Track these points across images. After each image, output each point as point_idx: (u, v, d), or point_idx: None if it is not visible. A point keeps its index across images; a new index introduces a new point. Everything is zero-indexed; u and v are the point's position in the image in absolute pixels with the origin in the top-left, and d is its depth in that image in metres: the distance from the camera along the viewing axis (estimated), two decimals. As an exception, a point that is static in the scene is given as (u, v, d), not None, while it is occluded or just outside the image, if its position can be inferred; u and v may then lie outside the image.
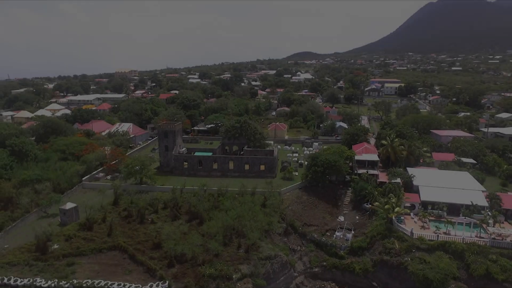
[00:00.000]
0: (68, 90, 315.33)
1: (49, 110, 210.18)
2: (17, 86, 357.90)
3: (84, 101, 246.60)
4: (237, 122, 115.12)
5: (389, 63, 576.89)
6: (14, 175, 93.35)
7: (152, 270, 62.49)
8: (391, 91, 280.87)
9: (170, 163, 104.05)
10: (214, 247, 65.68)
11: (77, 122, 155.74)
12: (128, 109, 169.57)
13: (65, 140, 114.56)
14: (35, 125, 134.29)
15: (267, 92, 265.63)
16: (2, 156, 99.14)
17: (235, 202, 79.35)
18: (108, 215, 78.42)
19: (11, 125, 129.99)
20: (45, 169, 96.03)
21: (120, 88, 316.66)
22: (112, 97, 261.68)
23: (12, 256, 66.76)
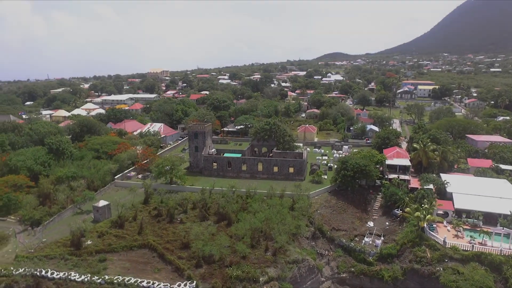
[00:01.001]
0: (103, 90, 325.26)
1: (85, 109, 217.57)
2: (56, 86, 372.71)
3: (118, 101, 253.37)
4: (266, 124, 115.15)
5: (422, 65, 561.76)
6: (51, 172, 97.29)
7: (180, 269, 63.45)
8: (425, 94, 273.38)
9: (200, 164, 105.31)
10: (242, 249, 65.95)
11: (110, 122, 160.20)
12: (160, 109, 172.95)
13: (99, 139, 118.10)
14: (72, 124, 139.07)
15: (297, 93, 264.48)
16: (41, 153, 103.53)
17: (263, 205, 79.39)
18: (138, 213, 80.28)
19: (50, 124, 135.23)
20: (80, 167, 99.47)
21: (152, 88, 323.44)
22: (144, 97, 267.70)
23: (49, 249, 69.68)
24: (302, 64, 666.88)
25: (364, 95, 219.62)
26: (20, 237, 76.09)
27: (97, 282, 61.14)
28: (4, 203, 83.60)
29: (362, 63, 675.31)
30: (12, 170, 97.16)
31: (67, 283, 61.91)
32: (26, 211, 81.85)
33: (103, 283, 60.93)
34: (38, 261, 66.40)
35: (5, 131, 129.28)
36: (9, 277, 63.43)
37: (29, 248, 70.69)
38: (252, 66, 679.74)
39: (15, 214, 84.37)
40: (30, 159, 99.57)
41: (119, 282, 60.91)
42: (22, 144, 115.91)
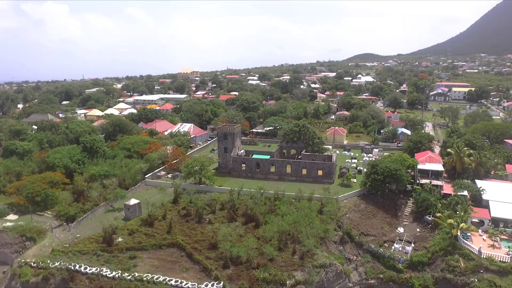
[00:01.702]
0: (135, 90, 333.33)
1: (117, 109, 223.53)
2: (90, 86, 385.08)
3: (149, 101, 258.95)
4: (295, 126, 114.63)
5: (457, 66, 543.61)
6: (85, 170, 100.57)
7: (208, 270, 64.01)
8: (459, 96, 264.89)
9: (229, 165, 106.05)
10: (269, 252, 65.93)
11: (141, 121, 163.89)
12: (189, 109, 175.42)
13: (130, 138, 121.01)
14: (105, 124, 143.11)
15: (327, 95, 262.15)
16: (76, 151, 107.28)
17: (291, 207, 79.09)
18: (168, 212, 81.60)
19: (84, 123, 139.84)
20: (112, 166, 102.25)
21: (182, 89, 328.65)
22: (174, 98, 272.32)
23: (82, 245, 71.96)
24: (332, 65, 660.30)
25: (396, 97, 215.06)
26: (56, 231, 79.07)
27: (127, 279, 62.60)
28: (42, 199, 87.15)
29: (393, 64, 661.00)
30: (50, 167, 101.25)
31: (99, 278, 63.72)
32: (62, 207, 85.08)
33: (132, 280, 62.32)
34: (72, 255, 68.86)
35: (44, 129, 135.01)
36: (46, 269, 66.17)
37: (64, 242, 73.30)
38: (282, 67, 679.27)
39: (51, 209, 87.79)
40: (66, 157, 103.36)
41: (148, 279, 62.11)
42: (59, 142, 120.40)
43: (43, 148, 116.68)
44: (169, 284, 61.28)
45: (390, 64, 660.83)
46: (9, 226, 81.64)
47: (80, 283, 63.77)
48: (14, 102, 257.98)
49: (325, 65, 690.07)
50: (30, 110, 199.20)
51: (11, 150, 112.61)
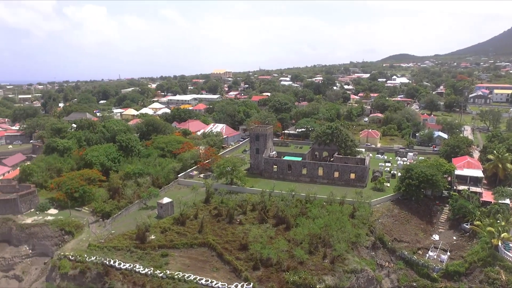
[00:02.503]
0: (168, 90, 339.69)
1: (152, 108, 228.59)
2: (126, 86, 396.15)
3: (182, 101, 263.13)
4: (328, 128, 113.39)
5: (500, 66, 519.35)
6: (121, 168, 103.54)
7: (238, 270, 64.37)
8: (502, 99, 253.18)
9: (260, 166, 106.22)
10: (300, 255, 65.48)
11: (175, 121, 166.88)
12: (222, 110, 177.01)
13: (164, 138, 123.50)
14: (140, 123, 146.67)
15: (360, 96, 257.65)
16: (112, 150, 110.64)
17: (322, 211, 78.19)
18: (199, 212, 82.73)
19: (120, 122, 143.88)
20: (146, 164, 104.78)
21: (215, 89, 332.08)
22: (207, 98, 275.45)
23: (117, 241, 74.21)
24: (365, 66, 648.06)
25: (432, 99, 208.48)
26: (93, 227, 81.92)
27: (159, 276, 63.93)
28: (80, 195, 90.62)
29: (430, 65, 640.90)
30: (87, 164, 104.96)
31: (132, 274, 65.51)
32: (98, 203, 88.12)
33: (164, 278, 63.55)
34: (107, 251, 71.17)
35: (82, 128, 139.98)
36: (83, 263, 68.80)
37: (100, 238, 75.80)
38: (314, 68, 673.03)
39: (88, 205, 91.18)
40: (102, 155, 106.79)
41: (179, 277, 63.16)
42: (96, 140, 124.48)
43: (82, 146, 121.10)
44: (200, 283, 62.08)
45: (427, 65, 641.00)
46: (50, 220, 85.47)
47: (114, 278, 65.76)
48: (56, 101, 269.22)
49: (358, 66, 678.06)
50: (70, 109, 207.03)
51: (52, 147, 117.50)
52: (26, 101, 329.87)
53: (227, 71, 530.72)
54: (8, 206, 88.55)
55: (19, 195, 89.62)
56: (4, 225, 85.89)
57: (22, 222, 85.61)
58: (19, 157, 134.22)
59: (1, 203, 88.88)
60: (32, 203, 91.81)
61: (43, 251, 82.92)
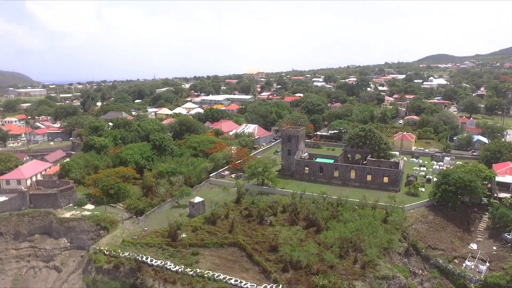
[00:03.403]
0: (202, 90, 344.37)
1: (185, 108, 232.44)
2: (161, 86, 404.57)
3: (215, 101, 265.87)
4: (361, 130, 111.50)
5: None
6: (154, 167, 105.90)
7: (267, 272, 64.38)
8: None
9: (292, 167, 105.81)
10: (330, 258, 64.78)
11: (208, 121, 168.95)
12: (254, 110, 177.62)
13: (197, 137, 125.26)
14: (173, 122, 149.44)
15: (395, 98, 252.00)
16: (146, 148, 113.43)
17: (354, 214, 76.97)
18: (230, 212, 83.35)
19: (154, 121, 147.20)
20: (179, 164, 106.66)
21: (247, 90, 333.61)
22: (240, 98, 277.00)
23: (149, 238, 75.94)
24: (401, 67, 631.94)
25: (472, 102, 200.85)
26: (127, 223, 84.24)
27: (189, 274, 64.92)
28: (115, 192, 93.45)
29: (470, 65, 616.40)
30: (122, 162, 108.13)
31: (163, 271, 66.80)
32: (132, 200, 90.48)
33: (194, 276, 64.44)
34: (140, 247, 73.00)
35: (118, 126, 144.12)
36: (117, 258, 70.85)
37: (133, 234, 77.84)
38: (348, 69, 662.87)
39: (123, 202, 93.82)
40: (137, 154, 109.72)
41: (209, 276, 63.85)
42: (131, 139, 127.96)
43: (117, 144, 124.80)
44: (229, 282, 62.53)
45: (466, 65, 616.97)
46: (87, 215, 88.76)
47: (146, 274, 67.31)
48: (94, 100, 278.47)
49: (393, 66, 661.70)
50: (107, 108, 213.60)
51: (90, 145, 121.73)
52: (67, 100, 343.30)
53: (259, 71, 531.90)
54: (49, 200, 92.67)
55: (59, 190, 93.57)
56: (45, 218, 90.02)
57: (62, 216, 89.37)
58: (59, 153, 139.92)
59: (43, 197, 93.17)
60: (71, 198, 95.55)
61: (80, 244, 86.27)
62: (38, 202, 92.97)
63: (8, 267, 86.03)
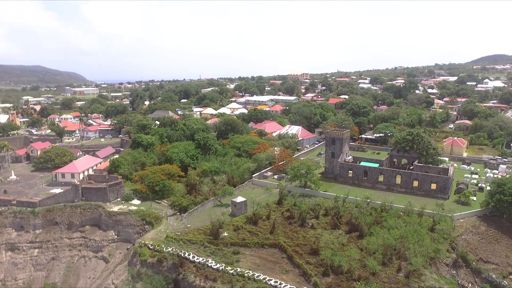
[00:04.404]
0: (246, 90, 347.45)
1: (229, 108, 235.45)
2: (206, 86, 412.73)
3: (259, 102, 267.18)
4: (408, 134, 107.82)
5: None
6: (198, 165, 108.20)
7: (307, 275, 63.83)
8: None
9: (335, 170, 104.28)
10: (372, 265, 63.15)
11: (251, 121, 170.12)
12: (298, 112, 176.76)
13: (241, 138, 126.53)
14: (218, 122, 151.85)
15: (445, 101, 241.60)
16: (191, 147, 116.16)
17: (399, 221, 74.42)
18: (272, 213, 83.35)
19: (199, 121, 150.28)
20: (222, 163, 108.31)
21: (291, 91, 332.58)
22: (284, 99, 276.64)
23: (192, 235, 77.59)
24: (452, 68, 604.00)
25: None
26: (170, 219, 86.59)
27: (230, 273, 65.60)
28: (160, 188, 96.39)
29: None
30: (168, 160, 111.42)
31: (204, 268, 68.00)
32: (176, 197, 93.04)
33: (235, 275, 65.04)
34: (183, 243, 74.76)
35: (164, 125, 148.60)
36: (161, 253, 72.98)
37: (177, 231, 79.88)
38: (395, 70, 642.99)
39: (167, 199, 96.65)
40: (182, 152, 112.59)
41: (249, 276, 64.20)
42: (177, 138, 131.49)
43: (163, 142, 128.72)
44: (269, 283, 62.58)
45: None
46: (133, 210, 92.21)
47: (188, 270, 68.78)
48: (142, 99, 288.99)
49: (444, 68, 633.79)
50: (154, 107, 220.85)
51: (137, 142, 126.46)
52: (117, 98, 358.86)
53: (304, 72, 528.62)
54: (99, 194, 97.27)
55: (109, 185, 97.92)
56: (95, 211, 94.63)
57: (110, 210, 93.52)
58: (109, 150, 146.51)
59: (94, 191, 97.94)
60: (119, 193, 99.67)
61: (126, 237, 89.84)
62: (89, 196, 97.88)
63: (62, 254, 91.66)
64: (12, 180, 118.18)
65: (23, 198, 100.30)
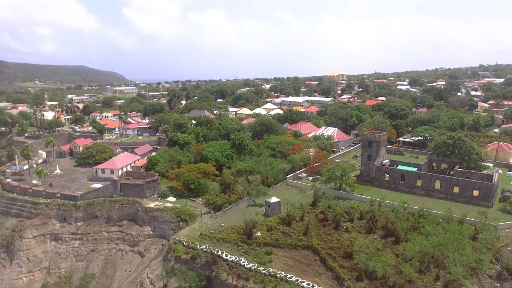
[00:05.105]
0: (281, 91, 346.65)
1: (265, 109, 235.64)
2: (242, 86, 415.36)
3: (294, 103, 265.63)
4: (449, 138, 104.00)
5: None
6: (233, 165, 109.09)
7: (341, 278, 62.85)
8: None
9: (371, 173, 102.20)
10: (408, 272, 61.30)
11: (287, 122, 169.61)
12: (334, 113, 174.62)
13: (276, 138, 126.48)
14: (253, 122, 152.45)
15: (490, 104, 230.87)
16: (226, 147, 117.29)
17: (438, 228, 71.81)
18: (306, 214, 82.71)
19: (235, 121, 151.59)
20: (257, 163, 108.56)
21: (327, 92, 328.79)
22: (319, 100, 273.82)
23: (225, 234, 78.19)
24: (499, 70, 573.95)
25: None
26: (205, 217, 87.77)
27: (262, 273, 65.56)
28: (195, 186, 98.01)
29: None
30: (203, 158, 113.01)
31: (237, 267, 68.32)
32: (211, 196, 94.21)
33: (267, 275, 64.92)
34: (216, 241, 75.52)
35: (200, 124, 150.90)
36: (195, 250, 74.06)
37: (211, 229, 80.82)
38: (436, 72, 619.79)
39: (202, 197, 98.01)
40: (217, 151, 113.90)
41: (281, 277, 63.89)
42: (212, 137, 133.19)
43: (199, 141, 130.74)
44: (301, 285, 62.07)
45: None
46: (169, 207, 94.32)
47: (221, 268, 69.36)
48: (179, 99, 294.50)
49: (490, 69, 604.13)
50: (191, 106, 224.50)
51: (174, 141, 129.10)
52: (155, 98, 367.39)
53: (340, 73, 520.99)
54: (136, 190, 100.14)
55: (146, 182, 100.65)
56: (132, 207, 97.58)
57: (147, 206, 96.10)
58: (147, 147, 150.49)
59: (131, 187, 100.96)
60: (155, 190, 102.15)
61: (161, 233, 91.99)
62: (127, 191, 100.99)
63: (101, 247, 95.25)
64: (57, 174, 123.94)
65: (66, 192, 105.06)
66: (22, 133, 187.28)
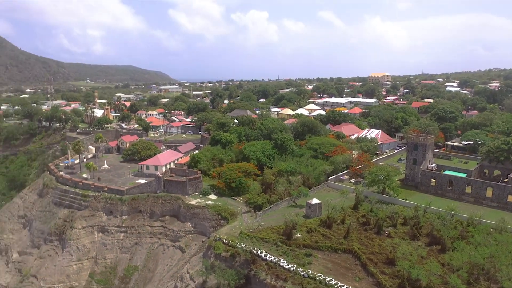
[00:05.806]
0: (324, 92, 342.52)
1: (307, 109, 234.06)
2: (284, 86, 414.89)
3: (337, 104, 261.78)
4: (504, 143, 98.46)
5: None
6: (274, 165, 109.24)
7: (382, 285, 61.06)
8: None
9: (416, 178, 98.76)
10: (455, 283, 58.38)
11: (329, 123, 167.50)
12: (378, 115, 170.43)
13: (318, 139, 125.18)
14: (295, 123, 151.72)
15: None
16: (268, 147, 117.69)
17: (489, 238, 67.97)
18: (347, 218, 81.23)
19: (277, 121, 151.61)
20: (298, 164, 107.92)
21: (371, 93, 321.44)
22: (363, 102, 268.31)
23: (265, 233, 78.29)
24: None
25: None
26: (245, 216, 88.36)
27: (301, 274, 64.97)
28: (236, 185, 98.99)
29: None
30: (245, 158, 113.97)
31: (276, 267, 68.13)
32: (252, 195, 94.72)
33: (306, 277, 64.28)
34: (256, 241, 75.75)
35: (243, 124, 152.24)
36: (234, 248, 74.68)
37: (251, 228, 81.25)
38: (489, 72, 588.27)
39: (243, 196, 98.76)
40: (259, 151, 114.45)
41: (320, 279, 63.00)
42: (254, 136, 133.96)
43: (241, 141, 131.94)
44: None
45: None
46: (210, 204, 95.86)
47: (260, 267, 69.40)
48: (222, 98, 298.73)
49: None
50: (233, 106, 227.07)
51: (216, 140, 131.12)
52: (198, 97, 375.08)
53: (385, 74, 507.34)
54: (179, 187, 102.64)
55: (188, 179, 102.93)
56: (175, 203, 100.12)
57: (188, 203, 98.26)
58: (190, 145, 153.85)
59: (174, 183, 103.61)
60: (197, 187, 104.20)
61: (202, 230, 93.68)
62: (170, 188, 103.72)
63: (144, 240, 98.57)
64: (105, 169, 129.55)
65: (113, 186, 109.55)
66: (74, 129, 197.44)
